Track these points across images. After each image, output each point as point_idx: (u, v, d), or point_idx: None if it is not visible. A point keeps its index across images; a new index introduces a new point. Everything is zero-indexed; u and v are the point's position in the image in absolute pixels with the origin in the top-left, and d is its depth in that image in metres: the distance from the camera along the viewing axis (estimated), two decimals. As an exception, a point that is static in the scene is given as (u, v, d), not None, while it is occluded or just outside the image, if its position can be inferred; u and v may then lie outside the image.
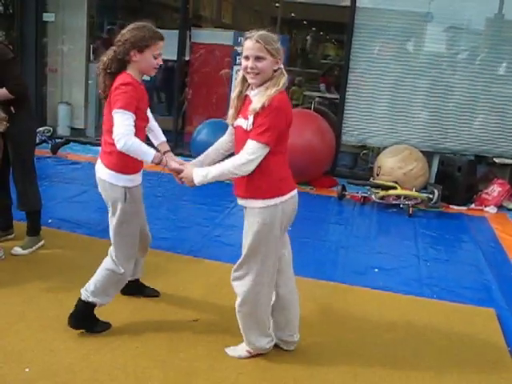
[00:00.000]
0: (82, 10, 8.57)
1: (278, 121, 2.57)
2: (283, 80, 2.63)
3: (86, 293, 3.02)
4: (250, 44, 2.59)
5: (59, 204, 5.35)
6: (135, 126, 2.78)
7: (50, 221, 4.76)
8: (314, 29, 13.41)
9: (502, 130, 7.14)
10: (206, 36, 8.25)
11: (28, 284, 3.55)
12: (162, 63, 2.95)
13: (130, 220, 3.00)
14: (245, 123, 2.64)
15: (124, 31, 2.92)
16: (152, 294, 3.53)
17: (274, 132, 2.56)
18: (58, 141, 7.67)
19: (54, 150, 7.40)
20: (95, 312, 3.07)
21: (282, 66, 2.66)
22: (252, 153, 2.57)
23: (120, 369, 2.74)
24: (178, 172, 2.79)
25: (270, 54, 2.58)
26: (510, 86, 7.04)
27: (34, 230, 4.15)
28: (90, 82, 8.61)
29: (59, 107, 8.67)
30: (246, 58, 2.62)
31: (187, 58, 8.21)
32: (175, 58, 7.89)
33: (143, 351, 2.92)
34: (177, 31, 7.94)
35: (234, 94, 2.81)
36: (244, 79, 2.74)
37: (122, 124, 2.73)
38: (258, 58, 2.58)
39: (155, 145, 3.26)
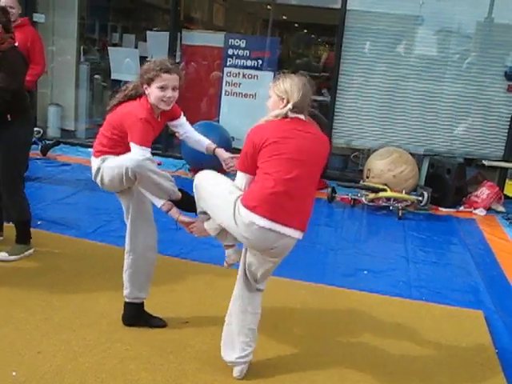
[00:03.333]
0: (72, 10, 8.52)
1: (243, 147, 2.71)
2: (272, 113, 2.73)
3: None
4: None
5: (48, 206, 5.32)
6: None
7: (39, 222, 4.74)
8: (305, 31, 13.43)
9: (491, 132, 7.18)
10: (196, 38, 8.23)
11: (15, 286, 3.54)
12: (171, 95, 2.95)
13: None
14: None
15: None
16: (158, 323, 3.25)
17: (240, 157, 2.74)
18: (47, 142, 7.64)
19: (44, 151, 7.36)
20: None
21: (288, 107, 2.71)
22: (236, 179, 2.76)
23: (108, 371, 2.73)
24: (188, 224, 2.94)
25: (275, 94, 2.77)
26: (499, 89, 7.09)
27: (22, 239, 4.02)
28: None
29: (49, 109, 8.62)
30: None
31: (178, 60, 8.19)
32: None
33: (132, 353, 2.91)
34: (167, 33, 7.94)
35: None
36: None
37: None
38: (269, 97, 2.82)
39: (205, 152, 3.37)
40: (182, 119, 3.33)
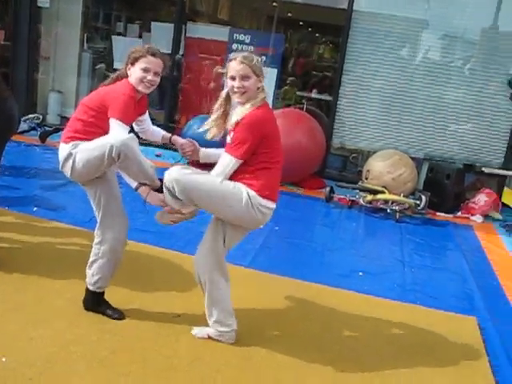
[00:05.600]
0: (78, -3, 8.51)
1: (247, 135, 2.73)
2: (260, 96, 2.83)
3: None
4: (235, 65, 2.80)
5: (46, 193, 5.30)
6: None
7: (35, 209, 4.73)
8: (310, 29, 13.39)
9: (492, 139, 7.19)
10: (201, 31, 8.20)
11: (10, 273, 3.50)
12: (152, 79, 2.95)
13: None
14: (229, 138, 2.86)
15: None
16: (113, 315, 3.16)
17: (243, 146, 2.73)
18: (47, 129, 7.60)
19: (43, 137, 7.32)
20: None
21: (262, 84, 2.85)
22: (225, 165, 2.78)
23: (99, 362, 2.71)
24: (163, 206, 2.94)
25: (254, 73, 2.79)
26: (500, 96, 7.09)
27: None
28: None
29: (50, 95, 8.59)
30: (232, 78, 2.80)
31: (181, 53, 8.16)
32: (169, 51, 7.85)
33: (123, 345, 2.89)
34: (172, 24, 7.91)
35: (215, 115, 2.98)
36: (227, 99, 2.95)
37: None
38: (243, 78, 2.78)
39: (160, 142, 3.47)
40: (147, 114, 3.34)
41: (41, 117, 8.00)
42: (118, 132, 2.79)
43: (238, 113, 2.77)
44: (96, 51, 9.13)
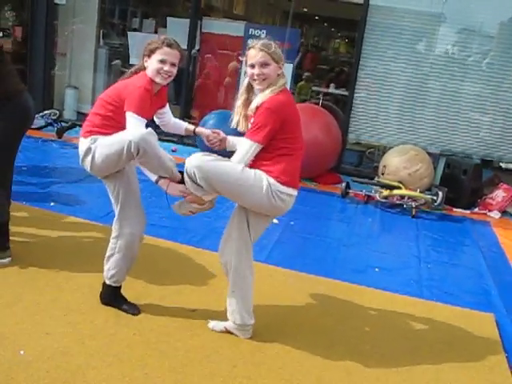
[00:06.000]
0: (93, -6, 8.54)
1: (267, 119, 2.72)
2: (281, 81, 2.84)
3: None
4: (254, 52, 2.81)
5: (62, 188, 5.34)
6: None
7: (52, 204, 4.76)
8: (325, 24, 13.36)
9: (509, 134, 7.09)
10: (217, 26, 8.20)
11: (27, 267, 3.53)
12: (169, 70, 2.95)
13: None
14: (249, 125, 2.87)
15: None
16: (129, 310, 3.18)
17: (263, 130, 2.72)
18: (63, 124, 7.65)
19: (60, 133, 7.38)
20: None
21: (282, 70, 2.87)
22: (246, 151, 2.78)
23: (115, 355, 2.73)
24: (184, 196, 2.92)
25: (273, 60, 2.80)
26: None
27: None
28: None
29: (66, 91, 8.65)
30: (252, 66, 2.81)
31: (197, 48, 8.17)
32: (185, 47, 7.85)
33: (139, 339, 2.91)
34: (188, 20, 7.92)
35: (239, 102, 2.98)
36: (249, 87, 2.93)
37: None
38: (263, 65, 2.79)
39: (183, 134, 3.48)
40: (167, 107, 3.34)
41: (57, 112, 8.05)
42: (134, 126, 2.79)
43: (258, 99, 2.78)
44: (112, 47, 9.17)
